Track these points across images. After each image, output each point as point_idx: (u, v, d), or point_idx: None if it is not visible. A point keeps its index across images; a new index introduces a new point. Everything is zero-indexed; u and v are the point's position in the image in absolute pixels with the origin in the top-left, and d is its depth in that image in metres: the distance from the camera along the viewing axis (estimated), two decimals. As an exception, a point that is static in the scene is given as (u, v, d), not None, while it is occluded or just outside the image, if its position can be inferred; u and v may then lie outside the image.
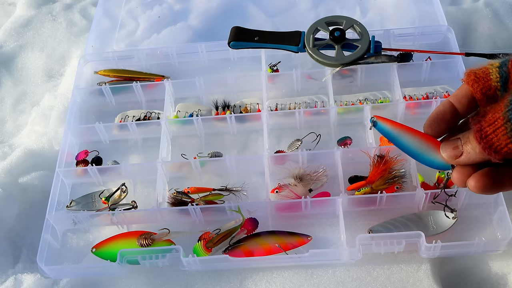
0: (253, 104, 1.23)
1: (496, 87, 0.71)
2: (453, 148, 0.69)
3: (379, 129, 0.77)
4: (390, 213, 1.03)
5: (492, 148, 0.63)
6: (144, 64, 1.35)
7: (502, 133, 0.61)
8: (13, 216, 1.16)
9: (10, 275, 1.07)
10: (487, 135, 0.63)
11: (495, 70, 0.71)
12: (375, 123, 0.77)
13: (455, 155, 0.69)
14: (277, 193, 1.07)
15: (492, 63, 0.73)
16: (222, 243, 1.02)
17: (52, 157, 1.22)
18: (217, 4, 1.48)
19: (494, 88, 0.71)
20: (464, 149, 0.67)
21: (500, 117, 0.62)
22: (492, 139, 0.62)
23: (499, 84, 0.70)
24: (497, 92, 0.71)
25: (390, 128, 0.77)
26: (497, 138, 0.62)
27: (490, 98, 0.72)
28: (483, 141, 0.63)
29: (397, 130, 0.77)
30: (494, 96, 0.71)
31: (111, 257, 1.02)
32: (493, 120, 0.62)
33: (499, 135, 0.62)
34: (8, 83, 1.44)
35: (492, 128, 0.62)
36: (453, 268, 1.02)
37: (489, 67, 0.72)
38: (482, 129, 0.63)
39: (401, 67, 1.20)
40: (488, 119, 0.63)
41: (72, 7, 1.58)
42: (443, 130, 0.73)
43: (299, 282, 1.00)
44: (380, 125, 0.77)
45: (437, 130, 0.73)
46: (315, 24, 1.12)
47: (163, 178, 1.13)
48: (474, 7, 1.39)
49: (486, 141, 0.63)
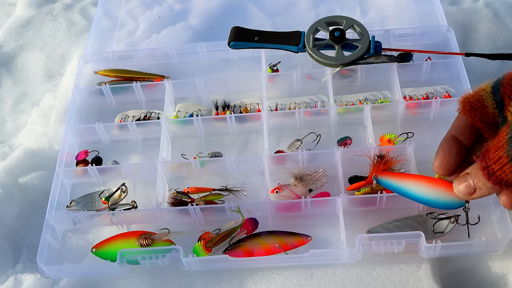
0: (253, 104, 1.23)
1: (494, 113, 0.71)
2: (465, 187, 0.70)
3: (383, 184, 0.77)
4: (390, 213, 1.03)
5: (502, 183, 0.64)
6: (144, 64, 1.35)
7: (509, 170, 0.62)
8: (13, 216, 1.16)
9: (10, 275, 1.07)
10: (494, 172, 0.64)
11: (490, 97, 0.71)
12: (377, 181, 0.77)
13: (469, 192, 0.70)
14: (277, 193, 1.07)
15: (484, 87, 0.73)
16: (222, 243, 1.02)
17: (52, 157, 1.22)
18: (217, 4, 1.48)
19: (493, 115, 0.71)
20: (476, 185, 0.68)
21: (504, 155, 0.62)
22: (501, 175, 0.63)
23: (496, 111, 0.71)
24: (496, 118, 0.71)
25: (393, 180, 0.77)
26: (505, 174, 0.63)
27: (491, 124, 0.72)
28: (492, 177, 0.64)
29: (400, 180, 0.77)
30: (494, 122, 0.72)
31: (111, 257, 1.02)
32: (498, 158, 0.63)
33: (506, 172, 0.62)
34: (8, 83, 1.45)
35: (498, 165, 0.63)
36: (453, 268, 1.02)
37: (482, 94, 0.72)
38: (489, 167, 0.64)
39: (401, 67, 1.20)
40: (493, 157, 0.64)
41: (72, 7, 1.58)
42: (454, 166, 0.74)
43: (299, 282, 1.00)
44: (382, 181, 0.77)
45: (448, 168, 0.74)
46: (315, 24, 1.12)
47: (163, 178, 1.13)
48: (474, 7, 1.39)
49: (495, 178, 0.64)
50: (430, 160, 1.08)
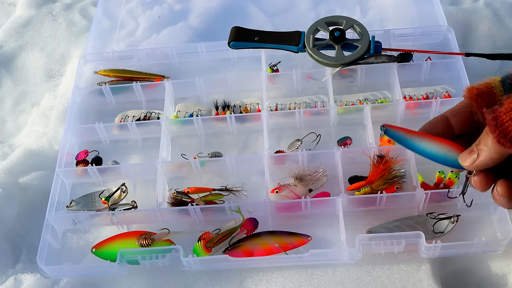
0: (253, 104, 1.23)
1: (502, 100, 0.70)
2: (469, 153, 0.69)
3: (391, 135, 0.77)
4: (390, 213, 1.03)
5: (507, 137, 0.62)
6: (144, 64, 1.35)
7: None
8: (13, 216, 1.16)
9: (10, 275, 1.07)
10: (503, 123, 0.62)
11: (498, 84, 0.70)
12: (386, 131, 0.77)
13: (473, 159, 0.69)
14: (277, 193, 1.07)
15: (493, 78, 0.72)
16: (222, 243, 1.02)
17: (52, 157, 1.22)
18: (217, 4, 1.48)
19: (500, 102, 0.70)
20: (479, 149, 0.67)
21: None
22: (508, 127, 0.61)
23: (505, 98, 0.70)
24: None
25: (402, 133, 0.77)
26: None
27: None
28: (498, 129, 0.62)
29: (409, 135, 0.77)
30: None
31: (111, 257, 1.02)
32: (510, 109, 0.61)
33: None
34: (8, 83, 1.44)
35: (509, 115, 0.61)
36: (453, 268, 1.02)
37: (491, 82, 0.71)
38: (498, 118, 0.62)
39: (401, 67, 1.20)
40: (506, 108, 0.62)
41: (72, 7, 1.58)
42: None
43: (299, 282, 1.00)
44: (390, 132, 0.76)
45: None
46: (315, 24, 1.12)
47: (163, 178, 1.13)
48: (474, 7, 1.39)
49: (502, 130, 0.62)
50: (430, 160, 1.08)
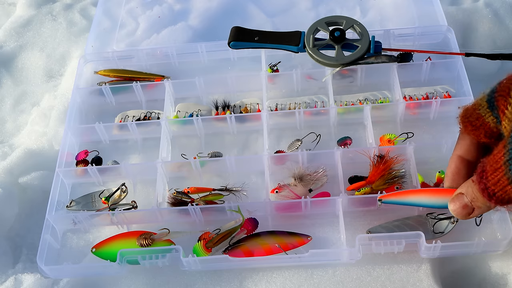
0: (253, 104, 1.23)
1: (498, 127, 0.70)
2: (463, 208, 0.69)
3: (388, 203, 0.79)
4: (390, 213, 1.03)
5: (504, 202, 0.63)
6: (144, 64, 1.35)
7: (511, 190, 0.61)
8: (13, 216, 1.16)
9: (10, 275, 1.07)
10: (495, 193, 0.63)
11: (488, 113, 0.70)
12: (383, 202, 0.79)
13: (468, 213, 0.69)
14: (277, 193, 1.07)
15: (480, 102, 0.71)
16: (222, 243, 1.02)
17: (52, 157, 1.22)
18: (217, 4, 1.48)
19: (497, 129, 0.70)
20: (475, 205, 0.68)
21: (503, 177, 0.62)
22: (502, 195, 0.63)
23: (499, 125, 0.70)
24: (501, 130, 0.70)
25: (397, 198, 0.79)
26: (506, 194, 0.62)
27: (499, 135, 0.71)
28: (494, 198, 0.63)
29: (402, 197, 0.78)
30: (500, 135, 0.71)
31: (111, 257, 1.02)
32: (497, 180, 0.62)
33: (508, 192, 0.62)
34: (8, 83, 1.44)
35: (499, 187, 0.62)
36: (453, 268, 1.02)
37: (480, 112, 0.71)
38: (488, 189, 0.63)
39: (401, 67, 1.20)
40: (491, 178, 0.63)
41: (72, 7, 1.58)
42: None
43: (299, 282, 1.00)
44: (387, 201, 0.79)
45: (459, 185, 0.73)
46: (315, 24, 1.12)
47: (163, 178, 1.13)
48: (474, 7, 1.39)
49: (497, 198, 0.63)
50: (430, 160, 1.09)
